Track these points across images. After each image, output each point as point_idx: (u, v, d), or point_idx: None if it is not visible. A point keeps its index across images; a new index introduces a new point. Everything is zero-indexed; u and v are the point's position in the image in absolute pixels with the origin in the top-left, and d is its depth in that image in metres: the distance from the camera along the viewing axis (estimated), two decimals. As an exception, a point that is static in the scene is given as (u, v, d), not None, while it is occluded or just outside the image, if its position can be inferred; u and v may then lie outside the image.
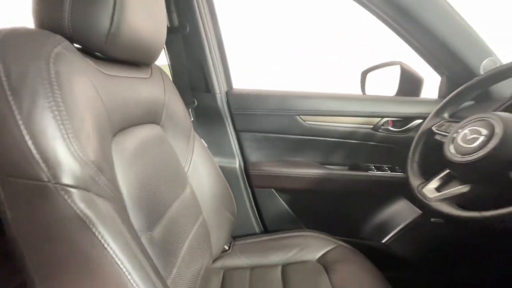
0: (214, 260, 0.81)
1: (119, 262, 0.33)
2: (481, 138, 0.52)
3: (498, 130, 0.50)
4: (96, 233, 0.32)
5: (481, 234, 0.81)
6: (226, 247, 0.85)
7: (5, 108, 0.30)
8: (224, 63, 0.99)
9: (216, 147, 0.99)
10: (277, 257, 0.80)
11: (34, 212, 0.32)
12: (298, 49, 4.02)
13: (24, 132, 0.30)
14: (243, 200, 1.02)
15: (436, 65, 0.87)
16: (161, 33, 0.58)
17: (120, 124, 0.49)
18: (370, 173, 0.96)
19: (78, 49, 0.42)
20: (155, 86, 0.63)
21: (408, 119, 0.93)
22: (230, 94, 0.98)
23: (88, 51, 0.44)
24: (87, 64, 0.42)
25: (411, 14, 0.75)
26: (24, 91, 0.31)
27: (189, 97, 0.97)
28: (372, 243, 1.00)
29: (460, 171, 0.57)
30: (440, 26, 0.76)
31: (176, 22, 0.88)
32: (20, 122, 0.30)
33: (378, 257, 0.80)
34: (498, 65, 0.75)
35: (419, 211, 0.95)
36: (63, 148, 0.32)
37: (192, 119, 0.97)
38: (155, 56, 0.59)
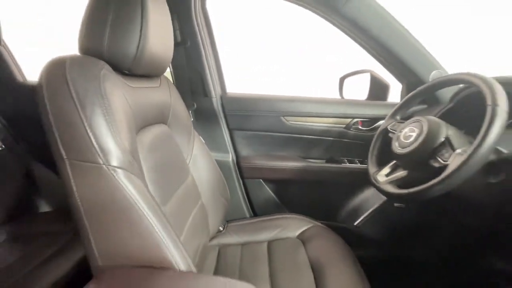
0: (211, 239, 0.93)
1: (151, 221, 0.47)
2: (414, 135, 0.67)
3: (425, 129, 0.65)
4: (135, 200, 0.47)
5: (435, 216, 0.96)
6: (221, 228, 0.98)
7: (75, 115, 0.45)
8: (219, 71, 1.11)
9: (213, 143, 1.11)
10: (264, 235, 0.93)
11: (92, 185, 0.46)
12: (296, 48, 3.96)
13: (88, 130, 0.45)
14: (235, 189, 1.13)
15: (397, 75, 1.00)
16: (170, 51, 0.71)
17: (141, 124, 0.63)
18: (343, 165, 1.08)
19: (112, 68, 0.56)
20: (163, 93, 0.77)
21: (375, 119, 1.06)
22: (224, 98, 1.10)
23: (118, 70, 0.58)
24: (119, 80, 0.57)
25: (374, 36, 0.89)
26: (87, 103, 0.46)
27: (189, 100, 1.08)
28: (345, 225, 1.12)
29: (401, 160, 0.72)
30: (398, 45, 0.90)
31: (179, 38, 1.01)
32: (86, 124, 0.45)
33: (350, 237, 0.92)
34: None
35: (385, 198, 1.06)
36: (112, 141, 0.47)
37: (192, 119, 1.07)
38: (165, 69, 0.73)
